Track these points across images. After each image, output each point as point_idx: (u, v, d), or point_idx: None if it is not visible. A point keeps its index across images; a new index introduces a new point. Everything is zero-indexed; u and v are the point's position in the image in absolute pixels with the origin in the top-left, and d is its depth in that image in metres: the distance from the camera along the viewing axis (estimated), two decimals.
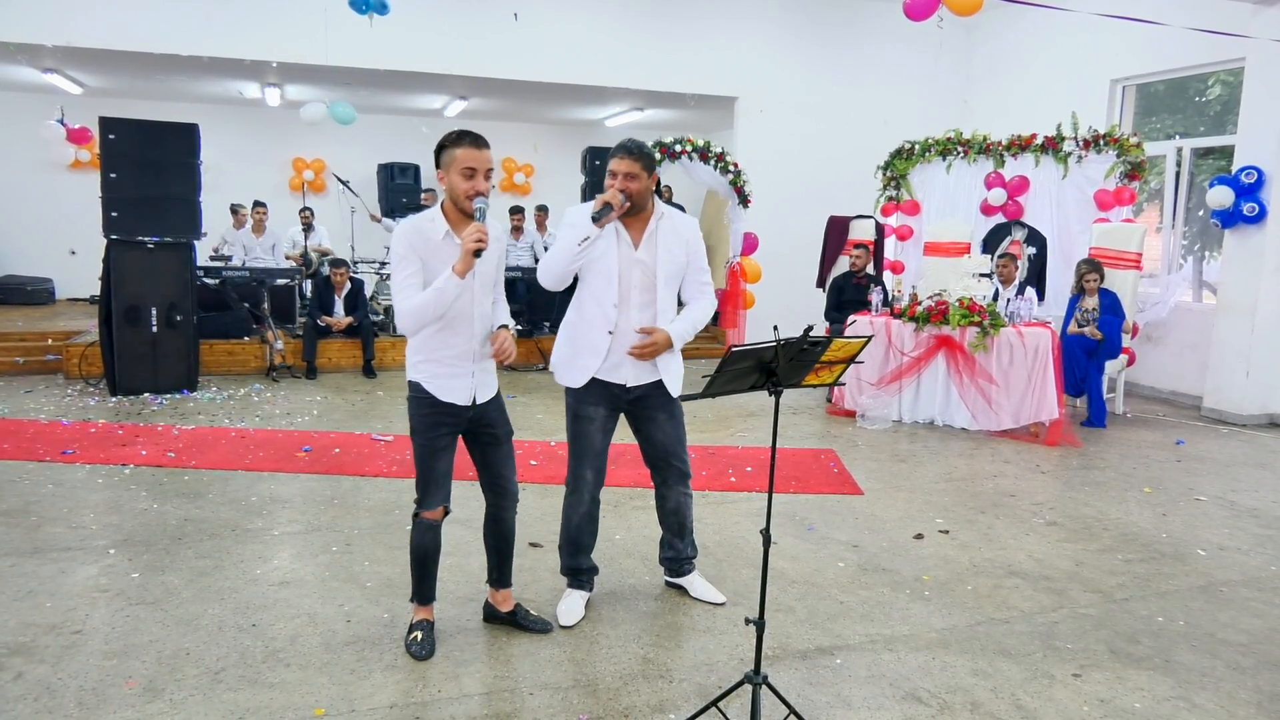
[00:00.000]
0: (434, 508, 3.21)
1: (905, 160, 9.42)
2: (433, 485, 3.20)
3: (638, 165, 3.28)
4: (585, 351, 3.41)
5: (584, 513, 3.59)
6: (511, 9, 9.57)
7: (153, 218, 7.56)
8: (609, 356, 3.39)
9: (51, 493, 4.99)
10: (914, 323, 7.20)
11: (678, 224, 3.47)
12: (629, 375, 3.42)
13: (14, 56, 9.42)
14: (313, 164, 13.78)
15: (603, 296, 3.36)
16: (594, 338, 3.39)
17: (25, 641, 3.27)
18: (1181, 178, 9.03)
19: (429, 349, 3.12)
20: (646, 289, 3.39)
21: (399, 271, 3.01)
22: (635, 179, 3.28)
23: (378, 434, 6.41)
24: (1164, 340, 8.76)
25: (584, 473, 3.54)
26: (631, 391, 3.46)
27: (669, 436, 3.57)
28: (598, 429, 3.49)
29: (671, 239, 3.42)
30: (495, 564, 3.46)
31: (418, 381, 3.13)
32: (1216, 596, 4.04)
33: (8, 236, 12.51)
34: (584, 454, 3.52)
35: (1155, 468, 6.22)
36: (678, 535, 3.79)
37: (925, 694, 3.09)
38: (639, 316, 3.38)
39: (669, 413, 3.54)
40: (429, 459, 3.18)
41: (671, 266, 3.42)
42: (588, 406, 3.46)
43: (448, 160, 3.02)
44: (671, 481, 3.67)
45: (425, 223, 3.06)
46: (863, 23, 11.07)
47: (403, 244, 3.02)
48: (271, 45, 9.14)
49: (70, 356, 8.31)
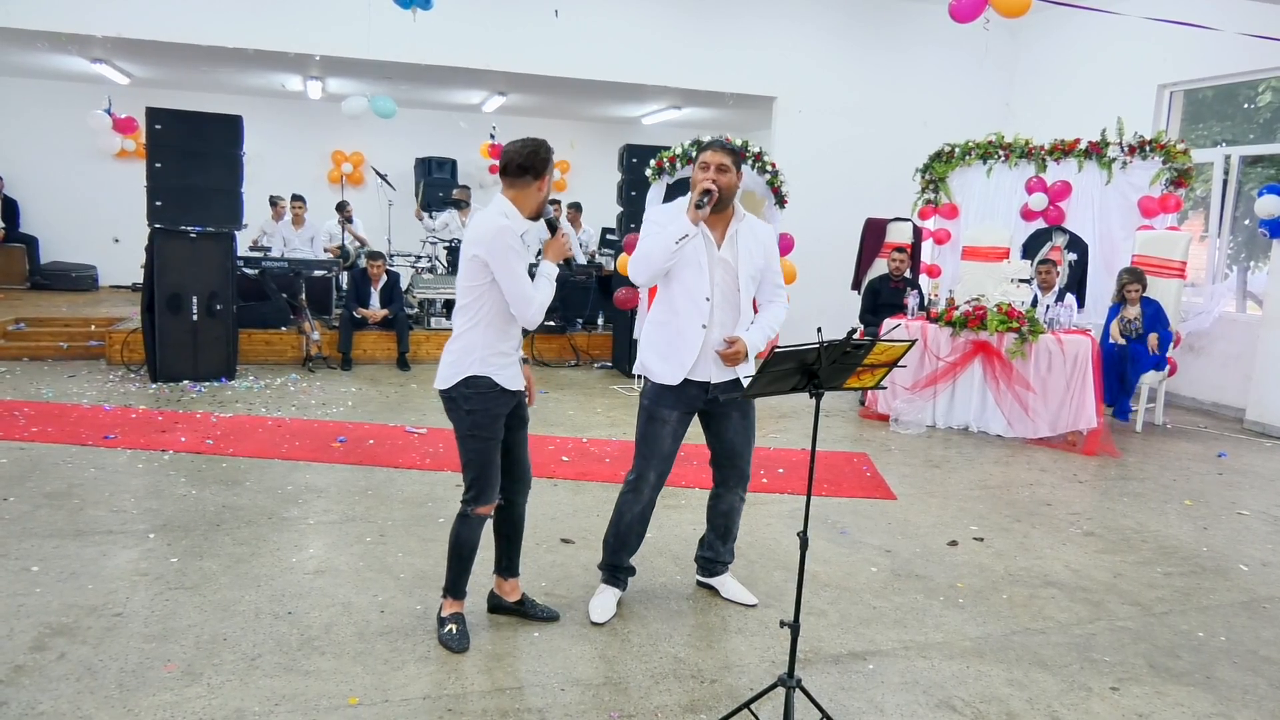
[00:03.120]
0: (492, 501, 3.27)
1: (945, 163, 9.33)
2: (494, 479, 3.25)
3: (729, 159, 3.32)
4: (681, 348, 3.41)
5: (639, 512, 3.59)
6: (552, 5, 9.58)
7: (196, 207, 7.66)
8: (703, 352, 3.40)
9: (93, 477, 5.08)
10: (950, 327, 7.13)
11: (756, 228, 3.50)
12: (714, 373, 3.43)
13: (65, 46, 9.59)
14: (351, 157, 13.91)
15: (695, 291, 3.38)
16: (689, 333, 3.39)
17: (68, 622, 3.33)
18: (1229, 186, 8.85)
19: (495, 342, 3.17)
20: (729, 289, 3.42)
21: (520, 266, 3.09)
22: (726, 172, 3.32)
23: (411, 426, 6.46)
24: (1207, 351, 8.60)
25: (648, 474, 3.53)
26: (710, 391, 3.46)
27: (740, 437, 3.58)
28: (670, 432, 3.49)
29: (751, 241, 3.45)
30: (505, 551, 3.49)
31: (485, 375, 3.16)
32: (1260, 613, 3.96)
33: (53, 224, 12.75)
34: (652, 455, 3.52)
35: (1196, 480, 6.11)
36: (721, 538, 3.79)
37: (959, 703, 3.06)
38: (723, 315, 3.41)
39: (743, 413, 3.55)
40: (491, 453, 3.22)
41: (751, 268, 3.45)
42: (664, 409, 3.46)
43: (547, 173, 3.15)
44: (732, 483, 3.68)
45: (510, 221, 3.13)
46: (904, 24, 10.96)
47: (515, 241, 3.09)
48: (315, 38, 9.24)
49: (112, 343, 8.45)
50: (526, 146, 3.15)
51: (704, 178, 3.30)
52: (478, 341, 3.16)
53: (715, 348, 3.38)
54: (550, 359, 9.52)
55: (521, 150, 3.15)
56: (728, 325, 3.42)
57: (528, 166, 3.14)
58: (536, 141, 3.16)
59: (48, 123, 12.65)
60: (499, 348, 3.18)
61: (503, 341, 3.19)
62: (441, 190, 12.90)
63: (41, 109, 12.65)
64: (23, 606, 3.43)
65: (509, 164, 3.15)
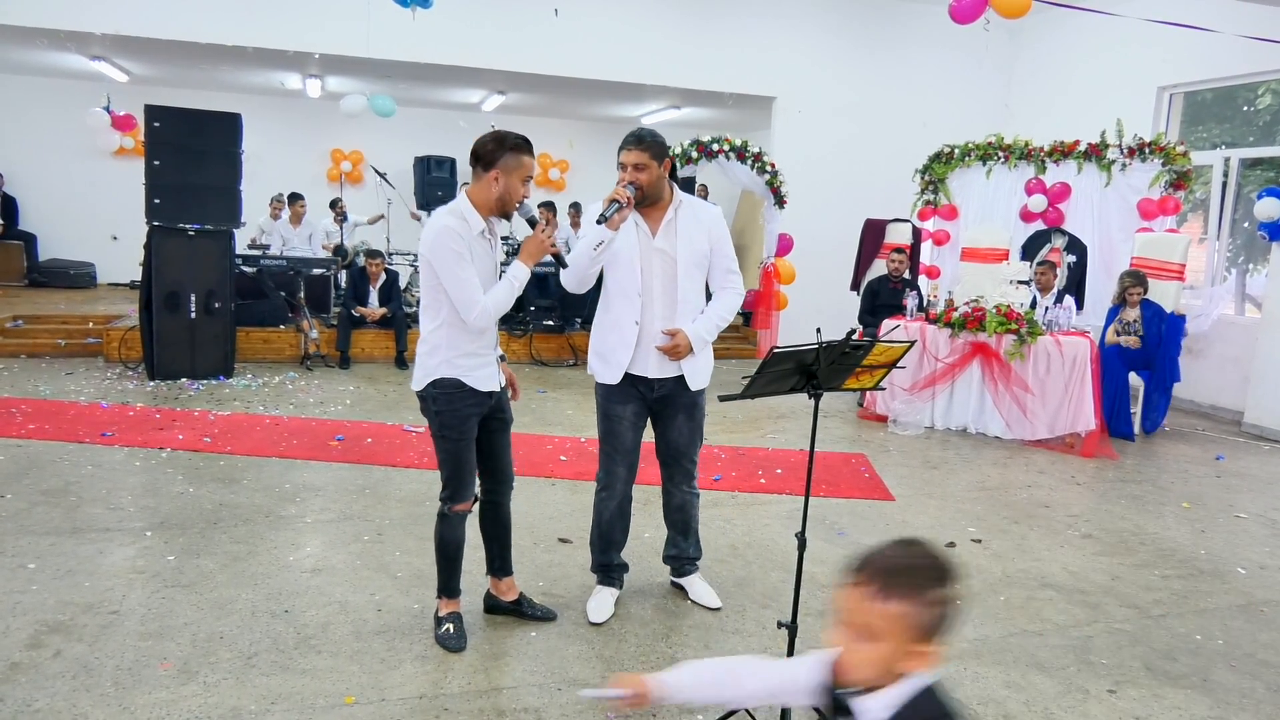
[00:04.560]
0: (468, 498, 3.25)
1: (944, 164, 9.33)
2: (468, 477, 3.23)
3: (646, 155, 3.23)
4: (617, 346, 3.39)
5: (615, 509, 3.59)
6: (551, 4, 9.59)
7: (194, 205, 7.65)
8: (638, 348, 3.36)
9: (90, 474, 5.07)
10: (949, 328, 7.13)
11: (698, 211, 3.42)
12: (654, 368, 3.39)
13: (64, 43, 9.58)
14: (350, 155, 13.91)
15: (627, 286, 3.35)
16: (623, 330, 3.37)
17: (64, 620, 3.32)
18: (1228, 188, 8.86)
19: (461, 343, 3.11)
20: (668, 278, 3.35)
21: (463, 270, 2.97)
22: (644, 169, 3.24)
23: (409, 425, 6.45)
24: (1205, 353, 8.60)
25: (616, 469, 3.54)
26: (655, 388, 3.43)
27: (683, 438, 3.58)
28: (628, 426, 3.49)
29: (692, 226, 3.38)
30: (496, 553, 3.47)
31: (452, 377, 3.12)
32: (1257, 616, 3.96)
33: (52, 221, 12.73)
34: (615, 451, 3.52)
35: (1194, 483, 6.11)
36: (682, 534, 3.78)
37: (957, 704, 3.05)
38: (662, 306, 3.35)
39: (688, 414, 3.54)
40: (463, 452, 3.20)
41: (693, 255, 3.37)
42: (616, 405, 3.46)
43: (513, 164, 3.00)
44: (677, 479, 3.68)
45: (459, 221, 3.03)
46: (904, 24, 10.96)
47: (456, 243, 2.97)
48: (314, 36, 9.24)
49: (110, 340, 8.44)
50: (482, 136, 3.05)
51: (622, 178, 3.23)
52: (442, 343, 3.11)
53: (655, 343, 3.34)
54: (548, 358, 9.51)
55: (478, 139, 3.04)
56: (668, 318, 3.35)
57: (479, 156, 3.02)
58: (495, 132, 3.04)
59: (47, 120, 12.63)
60: (465, 348, 3.11)
61: (470, 342, 3.11)
62: (440, 189, 12.90)
63: (40, 106, 12.63)
64: (19, 604, 3.43)
65: (471, 155, 3.06)
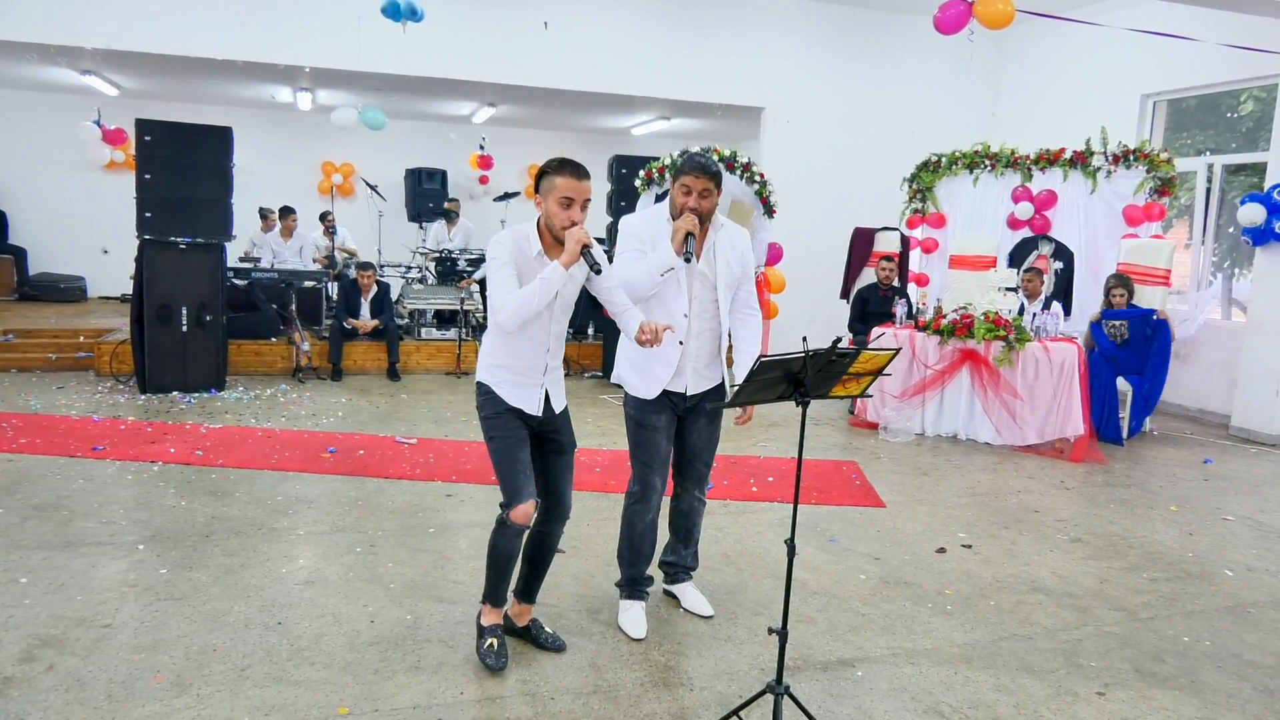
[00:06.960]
0: (525, 500, 3.09)
1: (932, 173, 9.38)
2: (519, 478, 3.11)
3: (712, 184, 3.28)
4: (657, 363, 3.41)
5: (650, 520, 3.59)
6: (541, 17, 9.65)
7: (185, 219, 7.67)
8: (679, 366, 3.42)
9: (82, 488, 5.07)
10: (938, 336, 7.18)
11: (734, 236, 3.51)
12: (691, 384, 3.46)
13: (54, 58, 9.59)
14: (342, 168, 13.93)
15: (674, 309, 3.39)
16: (667, 350, 3.39)
17: (56, 634, 3.32)
18: (1212, 194, 8.94)
19: (500, 355, 3.15)
20: (707, 299, 3.45)
21: (500, 271, 3.04)
22: (709, 196, 3.29)
23: (402, 437, 6.46)
24: (1192, 358, 8.67)
25: (652, 479, 3.53)
26: (689, 399, 3.49)
27: (702, 441, 3.60)
28: (663, 435, 3.50)
29: (729, 250, 3.47)
30: (527, 575, 3.40)
31: (486, 383, 3.17)
32: (1244, 618, 4.00)
33: (42, 235, 12.73)
34: (652, 460, 3.52)
35: (1182, 486, 6.15)
36: (683, 541, 3.80)
37: (947, 708, 3.08)
38: (700, 325, 3.44)
39: (710, 418, 3.58)
40: (511, 451, 3.13)
41: (729, 278, 3.48)
42: (651, 415, 3.48)
43: (547, 187, 3.06)
44: (689, 484, 3.69)
45: (523, 238, 3.11)
46: (891, 34, 11.04)
47: (505, 250, 3.06)
48: (304, 50, 9.26)
49: (101, 354, 8.43)
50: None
51: (685, 202, 3.26)
52: (486, 348, 3.20)
53: (692, 363, 3.42)
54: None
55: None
56: (705, 336, 3.45)
57: (536, 186, 3.17)
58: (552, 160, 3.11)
59: (37, 134, 12.65)
60: (501, 359, 3.15)
61: (507, 356, 3.14)
62: (431, 201, 12.93)
63: (31, 121, 12.65)
64: (11, 618, 3.43)
65: None
